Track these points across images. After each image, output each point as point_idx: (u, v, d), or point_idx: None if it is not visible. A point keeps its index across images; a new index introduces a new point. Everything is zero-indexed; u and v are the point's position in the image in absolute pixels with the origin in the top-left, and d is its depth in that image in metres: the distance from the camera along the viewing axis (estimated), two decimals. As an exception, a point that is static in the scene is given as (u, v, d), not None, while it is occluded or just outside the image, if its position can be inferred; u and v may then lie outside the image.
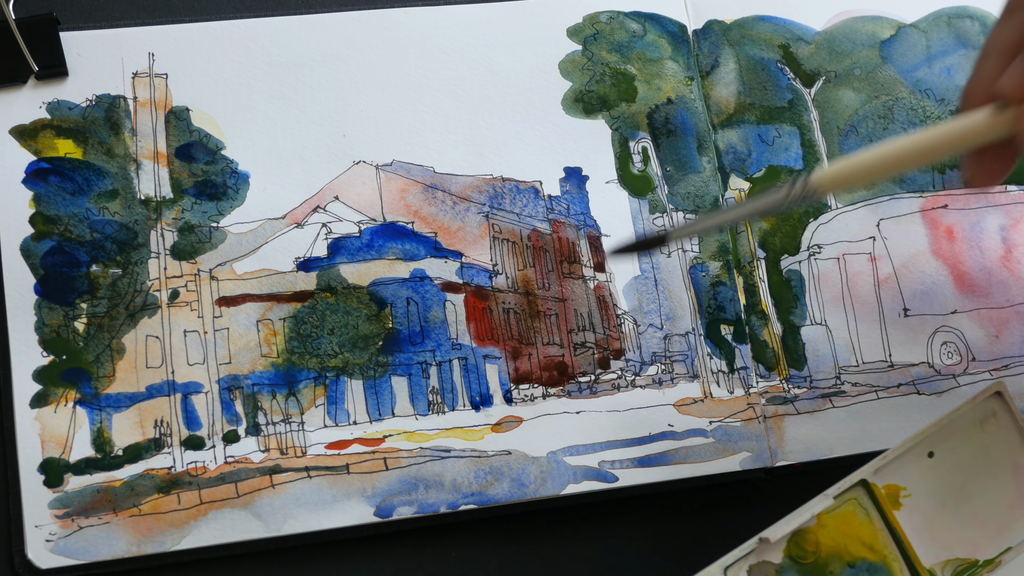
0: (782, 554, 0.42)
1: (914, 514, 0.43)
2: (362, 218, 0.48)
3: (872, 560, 0.43)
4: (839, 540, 0.43)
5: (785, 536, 0.42)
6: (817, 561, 0.43)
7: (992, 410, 0.44)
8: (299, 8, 0.51)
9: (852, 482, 0.43)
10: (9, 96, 0.47)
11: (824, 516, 0.43)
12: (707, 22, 0.53)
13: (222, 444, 0.45)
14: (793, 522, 0.42)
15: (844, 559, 0.43)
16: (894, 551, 0.43)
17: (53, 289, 0.45)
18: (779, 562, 0.42)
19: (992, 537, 0.44)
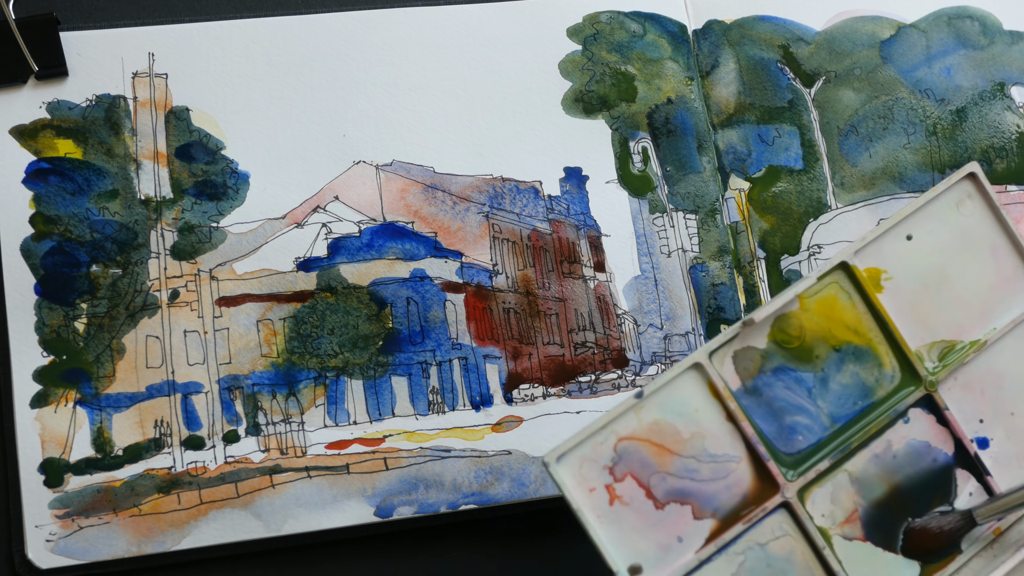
0: (766, 339, 0.42)
1: (896, 297, 0.43)
2: (362, 218, 0.48)
3: (858, 343, 0.42)
4: (823, 324, 0.42)
5: (768, 320, 0.42)
6: (802, 345, 0.42)
7: (967, 192, 0.44)
8: (299, 8, 0.51)
9: (833, 264, 0.42)
10: (9, 96, 0.47)
11: (807, 300, 0.42)
12: (707, 22, 0.53)
13: (222, 444, 0.45)
14: (776, 303, 0.41)
15: (829, 343, 0.42)
16: (879, 334, 0.43)
17: (53, 289, 0.45)
18: (764, 347, 0.42)
19: (976, 318, 0.43)
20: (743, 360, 0.41)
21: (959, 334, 0.43)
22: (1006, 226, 0.44)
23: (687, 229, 0.50)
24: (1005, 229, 0.44)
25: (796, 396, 0.42)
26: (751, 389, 0.41)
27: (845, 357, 0.42)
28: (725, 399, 0.40)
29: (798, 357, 0.42)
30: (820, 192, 0.51)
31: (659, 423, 0.40)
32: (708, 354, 0.41)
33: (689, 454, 0.40)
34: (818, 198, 0.51)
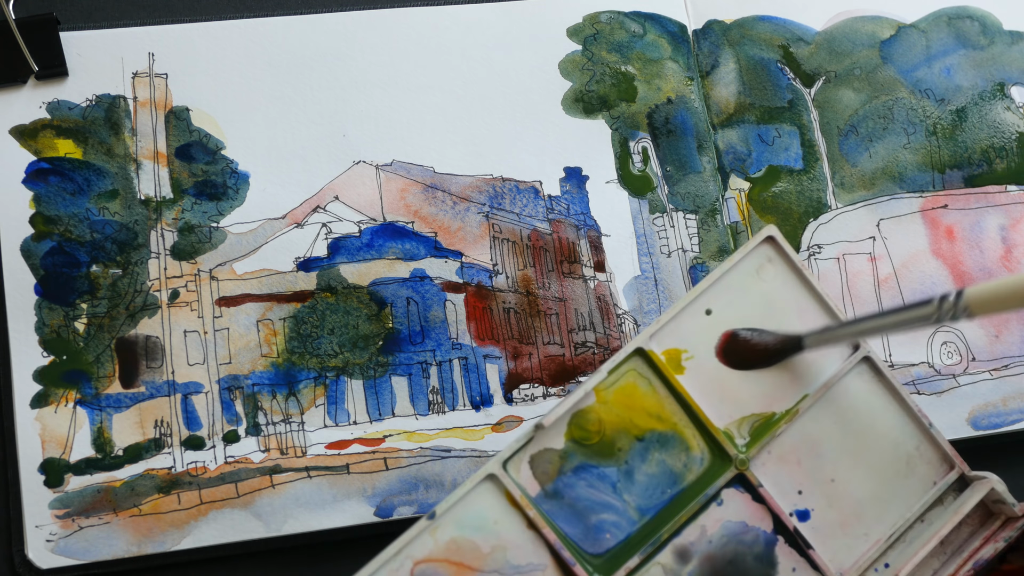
0: (564, 439, 0.40)
1: (700, 376, 0.41)
2: (362, 218, 0.48)
3: (662, 430, 0.41)
4: (623, 414, 0.40)
5: (563, 419, 0.40)
6: (603, 440, 0.40)
7: (767, 256, 0.42)
8: (299, 8, 0.51)
9: (627, 353, 0.41)
10: (9, 96, 0.47)
11: (603, 392, 0.40)
12: (707, 22, 0.53)
13: (222, 444, 0.45)
14: (568, 402, 0.40)
15: (632, 433, 0.40)
16: (684, 418, 0.41)
17: (53, 289, 0.45)
18: (562, 447, 0.40)
19: (786, 387, 0.42)
20: (541, 463, 0.40)
21: (769, 405, 0.41)
22: (810, 287, 0.42)
23: (687, 229, 0.50)
24: (810, 290, 0.42)
25: (600, 493, 0.40)
26: (552, 492, 0.40)
27: (649, 446, 0.41)
28: (524, 507, 0.39)
29: (599, 453, 0.40)
30: (820, 192, 0.52)
31: (457, 541, 0.38)
32: (502, 463, 0.39)
33: (491, 569, 0.38)
34: (818, 198, 0.52)
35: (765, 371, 0.41)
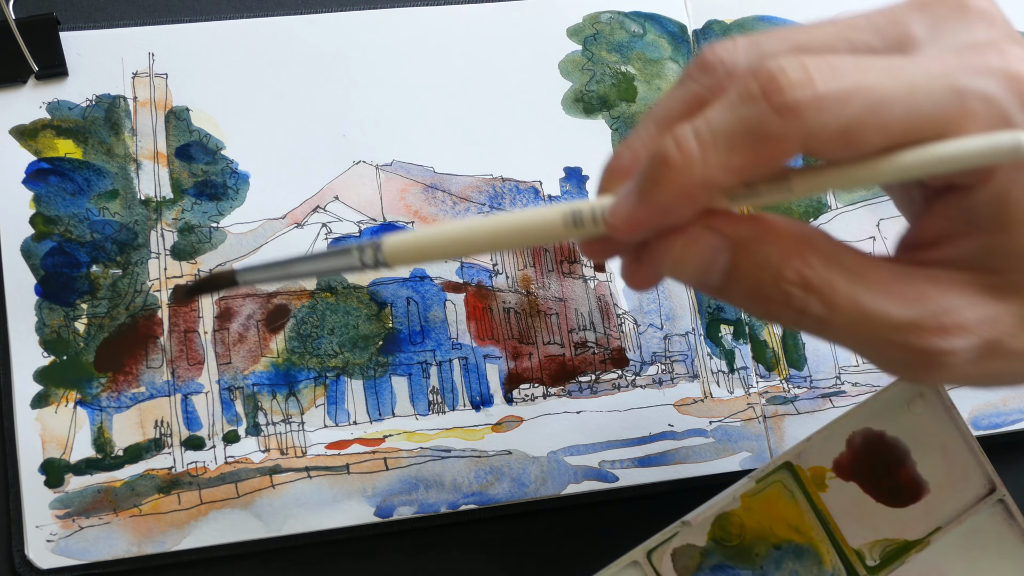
0: (706, 537, 0.42)
1: (841, 496, 0.43)
2: (362, 218, 0.48)
3: (799, 542, 0.43)
4: (764, 522, 0.43)
5: (708, 519, 0.42)
6: (742, 543, 0.42)
7: (919, 391, 0.44)
8: (299, 8, 0.51)
9: (776, 465, 0.43)
10: (9, 96, 0.47)
11: (748, 498, 0.43)
12: (707, 22, 0.53)
13: (222, 444, 0.45)
14: (716, 505, 0.42)
15: (770, 541, 0.43)
16: (821, 533, 0.43)
17: (53, 290, 0.45)
18: (703, 545, 0.42)
19: (921, 518, 0.43)
20: (682, 558, 0.42)
21: (902, 532, 0.43)
22: (959, 425, 0.43)
23: (687, 229, 0.50)
24: (958, 428, 0.43)
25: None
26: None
27: (785, 555, 0.43)
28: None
29: (738, 555, 0.42)
30: (820, 192, 0.51)
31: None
32: (646, 553, 0.41)
33: None
34: (818, 198, 0.52)
35: (905, 501, 0.43)
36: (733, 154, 0.28)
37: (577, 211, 0.30)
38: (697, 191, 0.28)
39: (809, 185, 0.29)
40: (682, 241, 0.30)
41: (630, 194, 0.29)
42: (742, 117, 0.28)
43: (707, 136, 0.28)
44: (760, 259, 0.30)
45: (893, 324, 0.29)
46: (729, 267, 0.30)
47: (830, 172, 0.29)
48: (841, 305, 0.29)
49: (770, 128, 0.27)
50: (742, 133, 0.28)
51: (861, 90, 0.27)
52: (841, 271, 0.29)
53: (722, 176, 0.28)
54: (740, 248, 0.30)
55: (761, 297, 0.30)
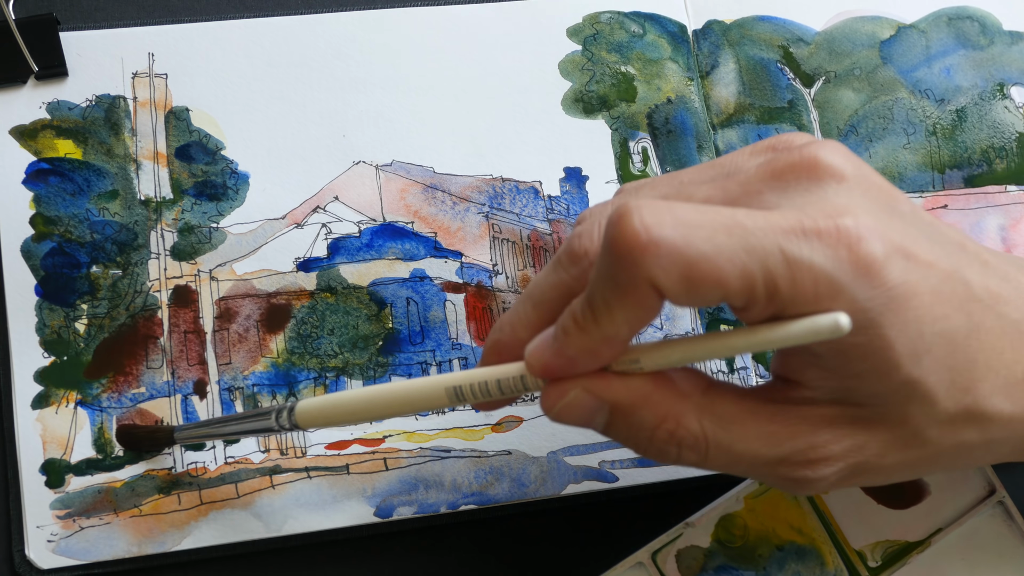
0: (710, 538, 0.43)
1: (842, 497, 0.44)
2: (362, 218, 0.48)
3: (801, 543, 0.43)
4: (767, 524, 0.43)
5: (711, 520, 0.43)
6: (746, 544, 0.43)
7: None
8: (299, 8, 0.51)
9: None
10: (9, 96, 0.47)
11: (751, 500, 0.43)
12: (707, 22, 0.53)
13: (222, 444, 0.45)
14: (720, 506, 0.43)
15: (773, 542, 0.43)
16: (823, 534, 0.43)
17: (54, 290, 0.45)
18: (707, 546, 0.43)
19: (922, 519, 0.44)
20: (686, 559, 0.43)
21: (903, 534, 0.44)
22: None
23: (687, 229, 0.50)
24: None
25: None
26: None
27: (788, 556, 0.43)
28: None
29: (741, 556, 0.43)
30: (820, 192, 0.51)
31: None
32: (651, 554, 0.42)
33: None
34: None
35: (906, 502, 0.44)
36: (616, 311, 0.30)
37: (459, 386, 0.34)
38: (597, 346, 0.32)
39: (655, 360, 0.32)
40: (562, 402, 0.33)
41: (545, 344, 0.33)
42: (601, 275, 0.30)
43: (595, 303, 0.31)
44: (634, 422, 0.33)
45: (764, 461, 0.33)
46: (607, 424, 0.33)
47: (674, 347, 0.32)
48: (713, 454, 0.33)
49: (621, 277, 0.30)
50: (611, 289, 0.30)
51: (698, 241, 0.29)
52: (713, 424, 0.33)
53: (615, 330, 0.31)
54: (616, 411, 0.33)
55: (640, 448, 0.34)
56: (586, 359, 0.32)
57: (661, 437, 0.33)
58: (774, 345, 0.30)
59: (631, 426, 0.33)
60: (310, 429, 0.42)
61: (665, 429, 0.33)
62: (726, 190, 0.33)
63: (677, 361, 0.32)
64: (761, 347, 0.30)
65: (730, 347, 0.32)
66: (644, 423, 0.33)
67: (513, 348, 0.35)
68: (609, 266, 0.30)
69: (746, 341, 0.31)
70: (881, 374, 0.31)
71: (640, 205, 0.29)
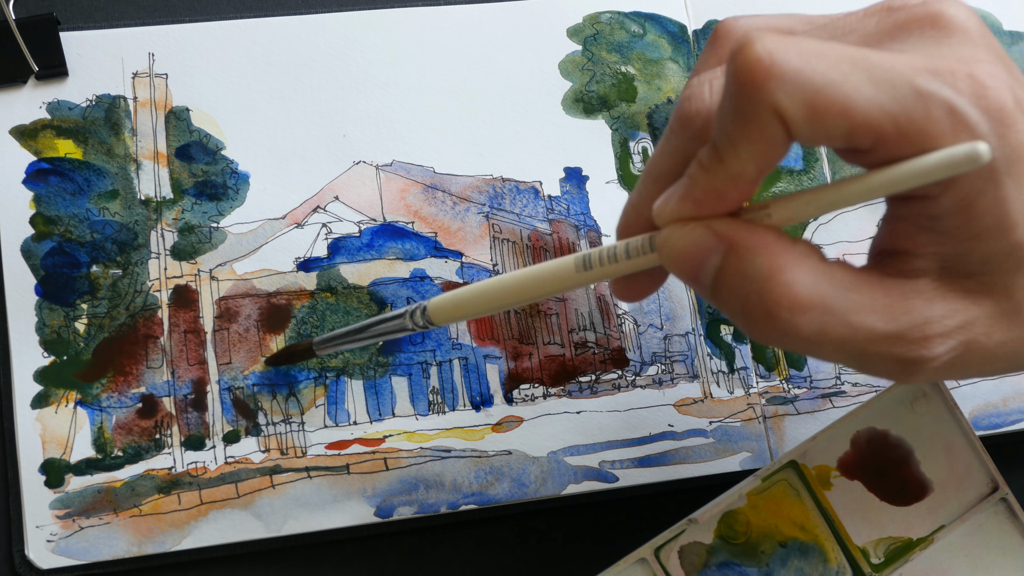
0: (713, 535, 0.43)
1: (845, 494, 0.44)
2: (362, 218, 0.48)
3: (804, 540, 0.43)
4: (770, 520, 0.43)
5: (715, 517, 0.43)
6: (748, 541, 0.43)
7: (923, 391, 0.44)
8: (299, 8, 0.50)
9: (781, 464, 0.43)
10: (9, 96, 0.47)
11: (754, 496, 0.43)
12: (707, 22, 0.53)
13: (222, 444, 0.45)
14: (723, 503, 0.43)
15: (775, 539, 0.43)
16: (826, 531, 0.43)
17: (54, 290, 0.45)
18: (710, 542, 0.43)
19: (924, 516, 0.44)
20: (689, 555, 0.43)
21: (907, 531, 0.44)
22: (962, 424, 0.44)
23: (687, 229, 0.50)
24: (961, 427, 0.44)
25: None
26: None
27: (791, 553, 0.43)
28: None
29: (744, 552, 0.43)
30: (820, 192, 0.51)
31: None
32: (654, 550, 0.42)
33: None
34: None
35: (909, 499, 0.44)
36: (741, 147, 0.29)
37: (587, 256, 0.33)
38: (724, 187, 0.30)
39: (787, 209, 0.30)
40: (680, 232, 0.31)
41: (672, 192, 0.31)
42: (725, 110, 0.29)
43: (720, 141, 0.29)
44: (749, 269, 0.30)
45: (878, 337, 0.30)
46: (718, 271, 0.31)
47: (808, 196, 0.30)
48: (829, 325, 0.30)
49: (745, 107, 0.28)
50: (735, 122, 0.29)
51: (823, 68, 0.28)
52: (832, 288, 0.30)
53: (741, 167, 0.29)
54: (731, 253, 0.30)
55: (748, 309, 0.30)
56: (712, 202, 0.30)
57: (774, 293, 0.30)
58: (914, 181, 0.28)
59: (744, 275, 0.30)
60: (444, 325, 0.41)
61: (780, 282, 0.30)
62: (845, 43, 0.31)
63: (812, 212, 0.30)
64: (899, 184, 0.28)
65: (869, 188, 0.29)
66: (759, 271, 0.30)
67: (639, 227, 0.34)
68: (732, 97, 0.28)
69: (884, 178, 0.29)
70: (996, 235, 0.30)
71: (763, 35, 0.28)
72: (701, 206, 0.31)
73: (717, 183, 0.30)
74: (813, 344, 0.30)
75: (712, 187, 0.30)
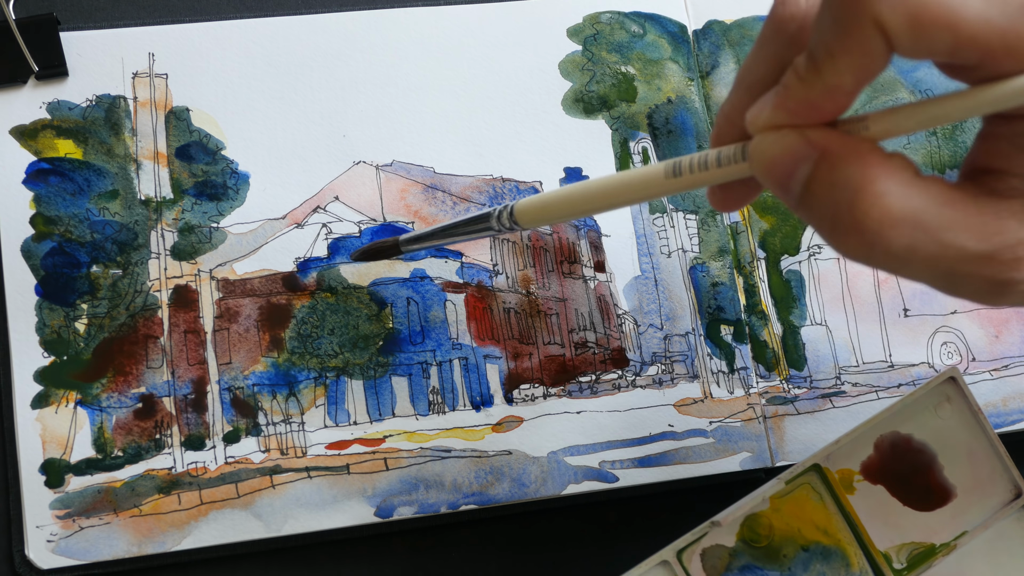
0: (735, 538, 0.43)
1: (868, 498, 0.44)
2: (362, 218, 0.48)
3: (826, 544, 0.43)
4: (793, 524, 0.43)
5: (737, 520, 0.43)
6: (771, 544, 0.43)
7: (947, 395, 0.44)
8: (299, 8, 0.50)
9: (804, 467, 0.43)
10: (9, 96, 0.47)
11: (776, 500, 0.43)
12: (707, 22, 0.53)
13: (222, 444, 0.45)
14: (745, 506, 0.43)
15: (798, 543, 0.43)
16: (848, 535, 0.43)
17: (54, 290, 0.45)
18: (732, 545, 0.43)
19: (947, 522, 0.44)
20: (711, 558, 0.43)
21: (929, 536, 0.44)
22: (986, 429, 0.44)
23: (687, 229, 0.50)
24: (985, 432, 0.44)
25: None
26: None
27: (813, 556, 0.43)
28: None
29: (766, 556, 0.43)
30: (820, 192, 0.51)
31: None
32: (676, 553, 0.42)
33: None
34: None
35: (932, 504, 0.44)
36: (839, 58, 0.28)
37: (678, 163, 0.32)
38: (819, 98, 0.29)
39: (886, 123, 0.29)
40: (772, 137, 0.30)
41: (766, 100, 0.30)
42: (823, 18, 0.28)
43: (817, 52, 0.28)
44: (840, 178, 0.29)
45: (969, 257, 0.29)
46: (809, 179, 0.30)
47: (910, 110, 0.29)
48: (920, 240, 0.29)
49: (844, 16, 0.27)
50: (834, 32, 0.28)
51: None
52: (925, 202, 0.29)
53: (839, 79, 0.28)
54: (823, 161, 0.29)
55: (837, 220, 0.29)
56: (808, 112, 0.29)
57: (865, 203, 0.29)
58: (1019, 99, 0.27)
59: (835, 184, 0.29)
60: (531, 228, 0.40)
61: (872, 192, 0.29)
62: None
63: (912, 127, 0.29)
64: (1004, 103, 0.27)
65: (972, 105, 0.28)
66: (851, 181, 0.29)
67: (732, 136, 0.33)
68: (832, 7, 0.27)
69: (989, 96, 0.27)
70: None
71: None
72: (796, 116, 0.30)
73: (813, 94, 0.29)
74: (901, 260, 0.29)
75: (808, 97, 0.29)
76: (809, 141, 0.30)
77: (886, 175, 0.29)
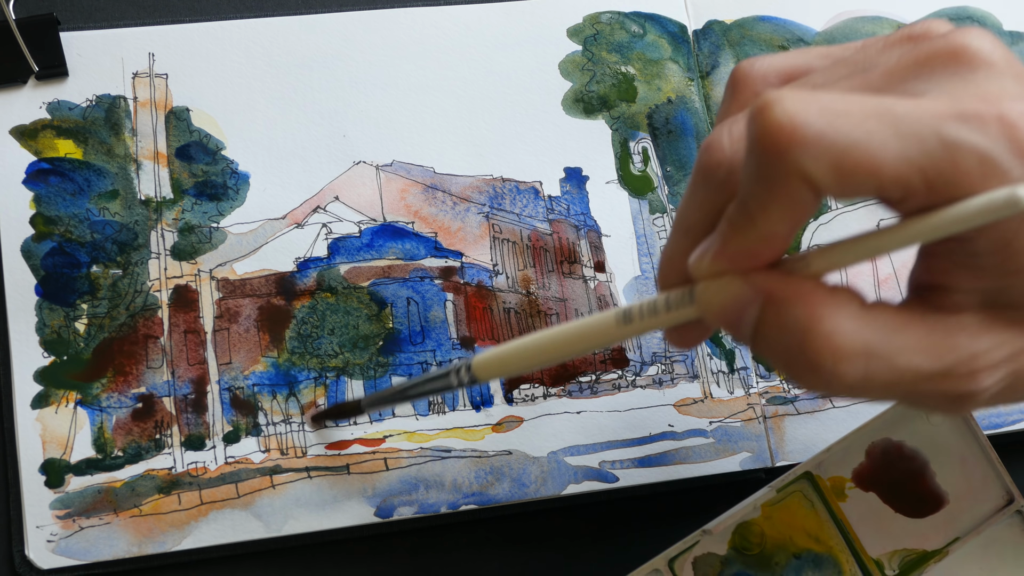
0: (727, 546, 0.43)
1: (860, 505, 0.44)
2: (362, 218, 0.48)
3: (818, 551, 0.43)
4: (784, 531, 0.43)
5: (729, 528, 0.43)
6: (763, 552, 0.43)
7: None
8: (299, 8, 0.51)
9: (796, 475, 0.43)
10: (9, 96, 0.47)
11: (768, 508, 0.43)
12: (707, 22, 0.53)
13: (222, 444, 0.45)
14: (737, 514, 0.43)
15: (790, 550, 0.43)
16: (840, 542, 0.43)
17: (54, 290, 0.45)
18: (724, 554, 0.43)
19: (939, 528, 0.44)
20: (703, 566, 0.43)
21: (921, 543, 0.44)
22: (978, 436, 0.44)
23: (687, 229, 0.50)
24: (977, 439, 0.44)
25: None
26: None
27: (805, 564, 0.43)
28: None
29: (758, 563, 0.43)
30: (820, 192, 0.51)
31: None
32: (668, 561, 0.42)
33: None
34: (818, 198, 0.51)
35: (924, 511, 0.44)
36: (770, 209, 0.28)
37: (628, 310, 0.33)
38: (757, 246, 0.29)
39: (826, 260, 0.30)
40: (716, 285, 0.31)
41: (706, 247, 0.31)
42: (750, 174, 0.28)
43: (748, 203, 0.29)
44: (788, 321, 0.30)
45: (926, 376, 0.30)
46: (758, 322, 0.30)
47: (847, 246, 0.30)
48: (874, 369, 0.29)
49: (770, 173, 0.28)
50: (762, 187, 0.28)
51: (847, 128, 0.27)
52: (875, 333, 0.30)
53: (772, 228, 0.29)
54: (769, 304, 0.30)
55: (790, 359, 0.30)
56: (747, 260, 0.30)
57: (815, 344, 0.29)
58: (951, 228, 0.28)
59: (783, 326, 0.30)
60: (490, 381, 0.41)
61: (820, 332, 0.29)
62: (868, 83, 0.30)
63: (851, 260, 0.30)
64: (937, 232, 0.28)
65: (907, 236, 0.29)
66: (798, 322, 0.29)
67: (677, 279, 0.33)
68: (757, 163, 0.28)
69: (922, 227, 0.28)
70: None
71: (782, 95, 0.27)
72: (736, 263, 0.30)
73: (749, 243, 0.29)
74: (860, 389, 0.30)
75: (745, 246, 0.30)
76: (753, 286, 0.30)
77: (832, 312, 0.29)
